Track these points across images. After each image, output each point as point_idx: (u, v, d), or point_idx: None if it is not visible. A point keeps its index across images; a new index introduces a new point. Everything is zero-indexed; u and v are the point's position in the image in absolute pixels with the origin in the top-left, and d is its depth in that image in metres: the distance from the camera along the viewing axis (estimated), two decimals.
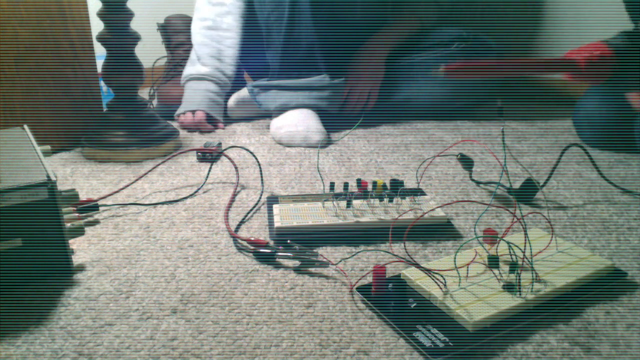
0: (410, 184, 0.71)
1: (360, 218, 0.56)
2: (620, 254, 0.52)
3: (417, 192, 0.64)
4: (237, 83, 1.12)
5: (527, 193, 0.65)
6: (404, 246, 0.53)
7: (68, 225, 0.50)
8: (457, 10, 1.29)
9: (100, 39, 0.84)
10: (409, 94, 1.09)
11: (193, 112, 1.04)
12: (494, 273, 0.44)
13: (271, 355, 0.38)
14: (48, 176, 0.47)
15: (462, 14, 1.34)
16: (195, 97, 1.06)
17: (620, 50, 0.61)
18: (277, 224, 0.55)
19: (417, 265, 0.44)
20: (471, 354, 0.37)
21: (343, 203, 0.59)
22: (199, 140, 0.98)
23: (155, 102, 1.20)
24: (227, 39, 1.09)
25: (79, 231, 0.51)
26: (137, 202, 0.66)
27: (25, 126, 0.64)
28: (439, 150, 0.87)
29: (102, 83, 1.00)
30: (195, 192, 0.70)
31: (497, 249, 0.47)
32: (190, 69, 1.09)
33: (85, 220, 0.61)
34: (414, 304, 0.42)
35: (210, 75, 1.07)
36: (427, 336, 0.38)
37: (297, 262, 0.50)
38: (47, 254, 0.48)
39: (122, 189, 0.69)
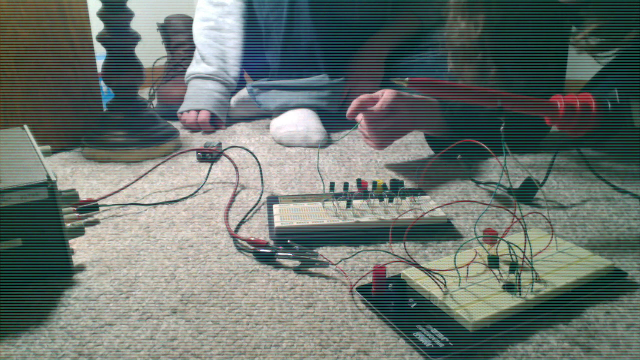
0: (410, 184, 0.71)
1: (360, 218, 0.56)
2: (620, 254, 0.51)
3: (417, 192, 0.64)
4: (237, 83, 1.13)
5: (527, 193, 0.65)
6: (404, 246, 0.53)
7: (68, 225, 0.50)
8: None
9: (100, 39, 0.84)
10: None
11: (198, 111, 1.04)
12: (494, 273, 0.44)
13: (271, 355, 0.38)
14: (48, 176, 0.47)
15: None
16: (201, 96, 1.06)
17: (605, 110, 0.54)
18: (277, 224, 0.55)
19: (417, 265, 0.44)
20: (471, 354, 0.37)
21: (343, 203, 0.59)
22: (199, 140, 0.98)
23: (155, 102, 1.20)
24: (230, 40, 1.09)
25: (79, 231, 0.51)
26: (137, 202, 0.66)
27: (25, 126, 0.64)
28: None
29: (102, 83, 1.00)
30: (195, 192, 0.70)
31: (497, 249, 0.47)
32: (195, 67, 1.09)
33: (85, 220, 0.61)
34: (414, 304, 0.42)
35: (216, 75, 1.07)
36: (427, 336, 0.38)
37: (297, 262, 0.50)
38: (47, 254, 0.48)
39: (122, 189, 0.69)
